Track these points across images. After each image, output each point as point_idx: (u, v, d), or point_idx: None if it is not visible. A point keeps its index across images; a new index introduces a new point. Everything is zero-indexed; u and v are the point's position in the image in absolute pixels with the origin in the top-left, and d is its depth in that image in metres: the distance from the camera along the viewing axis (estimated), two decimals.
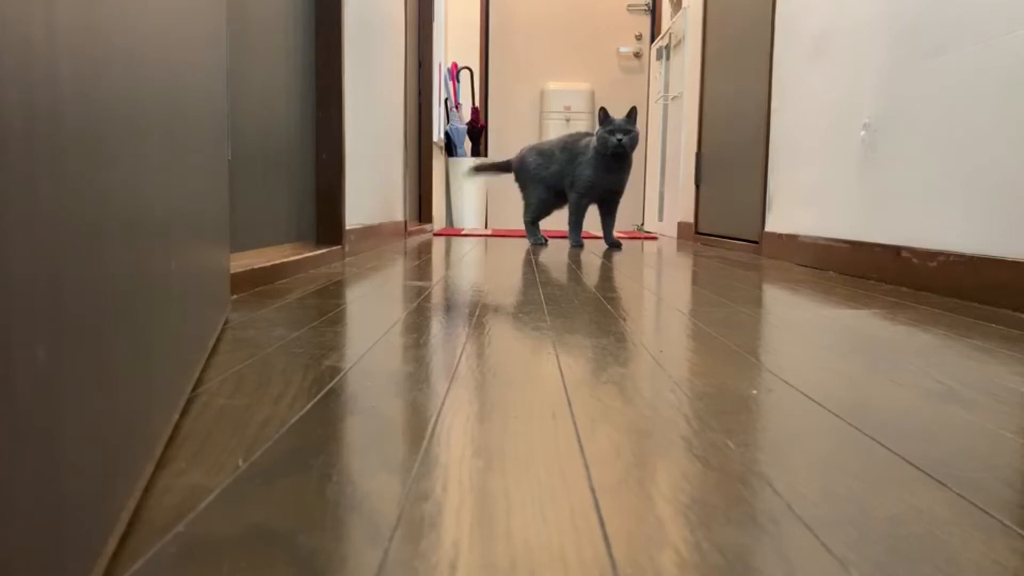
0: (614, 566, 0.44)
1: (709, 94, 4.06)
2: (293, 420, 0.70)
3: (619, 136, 3.27)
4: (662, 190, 5.15)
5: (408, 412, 0.74)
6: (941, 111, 1.86)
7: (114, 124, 0.48)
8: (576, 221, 3.53)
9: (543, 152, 3.62)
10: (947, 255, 1.79)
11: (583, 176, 3.44)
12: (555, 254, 3.03)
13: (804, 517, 0.51)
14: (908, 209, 2.00)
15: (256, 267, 1.63)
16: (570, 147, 3.54)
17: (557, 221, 6.13)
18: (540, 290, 1.75)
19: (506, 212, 6.15)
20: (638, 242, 4.16)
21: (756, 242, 3.24)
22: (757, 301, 1.64)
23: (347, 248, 2.59)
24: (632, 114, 3.35)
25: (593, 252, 3.20)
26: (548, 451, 0.63)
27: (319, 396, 0.78)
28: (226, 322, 1.20)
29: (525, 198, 3.69)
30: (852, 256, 2.28)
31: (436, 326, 1.22)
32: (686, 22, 4.46)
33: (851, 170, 2.34)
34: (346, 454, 0.61)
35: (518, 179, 3.72)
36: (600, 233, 4.61)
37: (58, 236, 0.37)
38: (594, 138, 3.39)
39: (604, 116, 3.36)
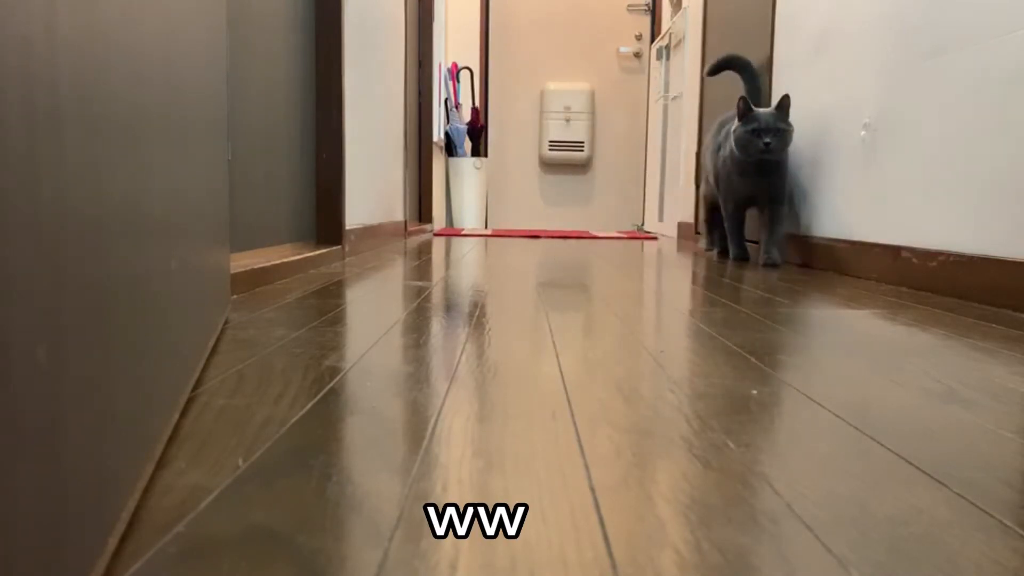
0: (614, 566, 0.44)
1: (709, 94, 4.06)
2: (293, 420, 0.70)
3: (767, 140, 2.45)
4: (662, 190, 5.15)
5: (408, 412, 0.73)
6: (941, 111, 1.86)
7: (114, 124, 0.48)
8: (729, 228, 2.83)
9: (713, 133, 2.92)
10: (947, 255, 1.78)
11: (723, 180, 2.72)
12: (554, 254, 3.03)
13: (804, 517, 0.51)
14: (908, 209, 2.00)
15: (256, 267, 1.63)
16: (716, 133, 2.86)
17: (559, 221, 6.13)
18: (540, 290, 1.75)
19: (506, 212, 6.15)
20: (638, 242, 4.16)
21: (756, 242, 3.23)
22: (757, 301, 1.64)
23: (347, 248, 2.59)
24: (784, 105, 2.48)
25: (594, 252, 3.20)
26: (548, 451, 0.63)
27: (319, 396, 0.78)
28: (226, 322, 1.20)
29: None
30: (852, 256, 2.28)
31: (436, 326, 1.22)
32: (686, 22, 4.46)
33: (851, 170, 2.34)
34: (346, 454, 0.61)
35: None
36: (593, 233, 4.61)
37: (58, 236, 0.37)
38: (731, 137, 2.60)
39: (744, 108, 2.50)
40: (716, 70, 2.95)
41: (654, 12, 6.00)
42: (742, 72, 2.88)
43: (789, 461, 0.61)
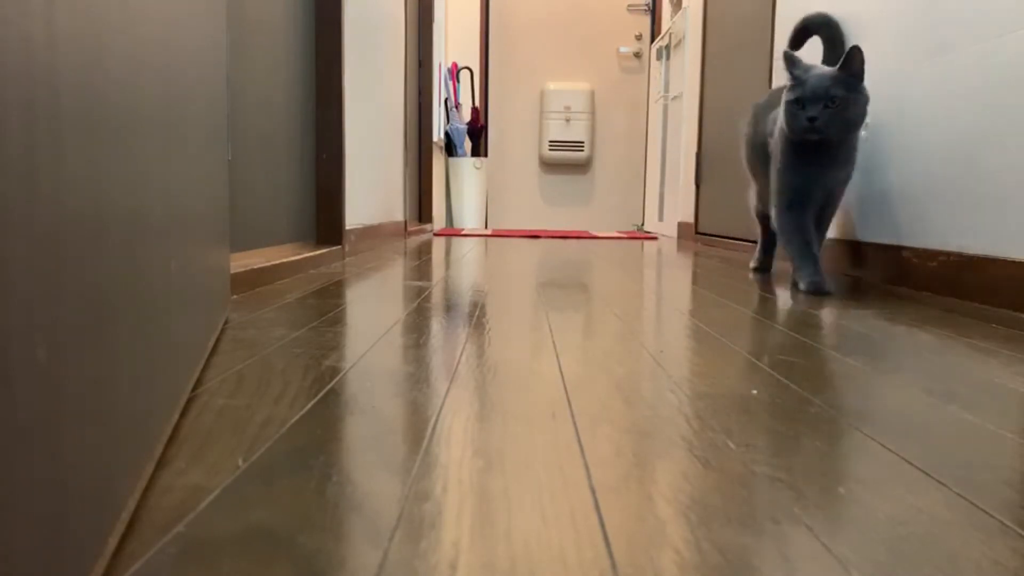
0: (614, 566, 0.44)
1: (709, 94, 4.06)
2: (293, 420, 0.70)
3: (811, 113, 1.72)
4: (662, 190, 5.15)
5: (408, 412, 0.73)
6: (943, 110, 1.86)
7: (114, 125, 0.48)
8: (788, 239, 1.92)
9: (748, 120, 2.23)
10: (947, 255, 1.78)
11: (777, 176, 1.93)
12: (554, 254, 3.03)
13: (804, 517, 0.51)
14: (908, 209, 2.00)
15: (256, 267, 1.63)
16: (762, 114, 2.14)
17: (559, 221, 6.13)
18: (540, 290, 1.75)
19: (506, 212, 6.15)
20: (638, 242, 4.16)
21: (756, 242, 3.23)
22: (757, 301, 1.64)
23: (347, 248, 2.59)
24: (851, 61, 1.72)
25: (594, 252, 3.20)
26: (548, 451, 0.63)
27: (319, 396, 0.78)
28: (226, 322, 1.20)
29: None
30: (852, 256, 2.28)
31: (436, 326, 1.22)
32: (686, 22, 4.46)
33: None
34: (346, 454, 0.61)
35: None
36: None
37: (58, 237, 0.37)
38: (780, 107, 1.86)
39: (790, 63, 1.78)
40: (799, 40, 2.15)
41: (654, 12, 6.00)
42: (825, 35, 2.10)
43: (788, 461, 0.61)
